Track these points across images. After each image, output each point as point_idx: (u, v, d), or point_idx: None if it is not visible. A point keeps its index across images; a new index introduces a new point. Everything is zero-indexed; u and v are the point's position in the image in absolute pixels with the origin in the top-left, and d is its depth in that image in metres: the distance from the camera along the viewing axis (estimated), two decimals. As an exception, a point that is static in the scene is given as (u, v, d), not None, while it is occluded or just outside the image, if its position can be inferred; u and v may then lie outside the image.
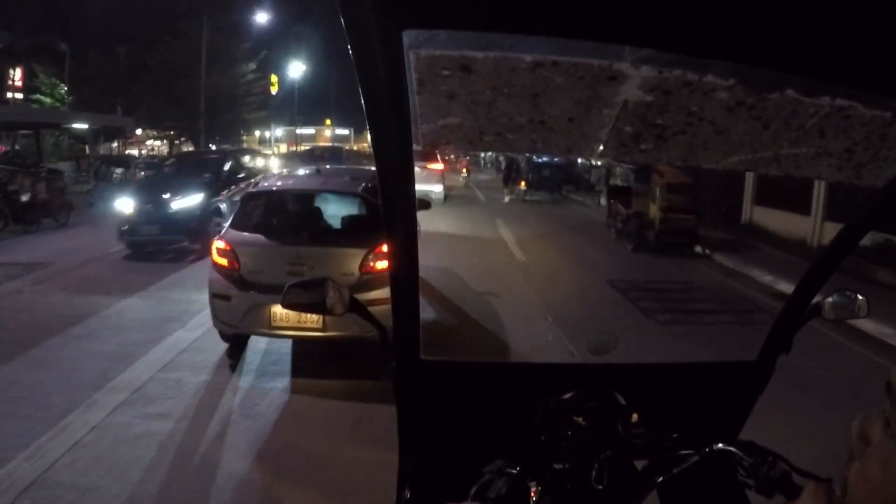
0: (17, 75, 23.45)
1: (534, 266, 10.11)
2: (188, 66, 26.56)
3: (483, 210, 17.95)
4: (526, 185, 20.51)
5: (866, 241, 8.62)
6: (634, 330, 6.50)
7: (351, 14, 0.80)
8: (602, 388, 1.40)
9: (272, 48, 40.21)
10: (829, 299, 1.61)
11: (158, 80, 26.54)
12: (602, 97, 0.93)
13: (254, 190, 6.01)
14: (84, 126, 19.67)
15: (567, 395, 1.38)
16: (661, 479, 1.33)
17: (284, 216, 5.63)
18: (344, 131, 67.06)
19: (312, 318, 4.72)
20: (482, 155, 43.35)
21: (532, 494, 1.27)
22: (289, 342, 5.68)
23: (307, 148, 24.00)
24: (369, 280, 4.92)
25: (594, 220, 16.26)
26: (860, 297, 1.61)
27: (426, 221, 8.59)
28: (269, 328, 4.92)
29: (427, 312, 6.15)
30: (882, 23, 0.73)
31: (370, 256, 4.99)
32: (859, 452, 0.71)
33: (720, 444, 1.27)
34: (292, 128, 53.03)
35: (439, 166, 19.04)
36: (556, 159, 21.09)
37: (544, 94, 0.94)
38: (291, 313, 4.61)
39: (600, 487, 1.31)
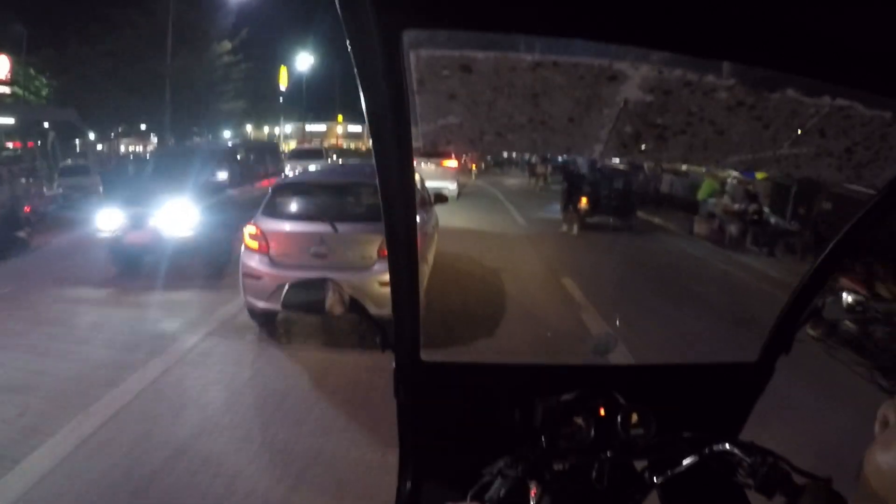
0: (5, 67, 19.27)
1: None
2: (154, 47, 22.12)
3: (532, 251, 10.80)
4: (587, 203, 13.25)
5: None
6: None
7: (351, 14, 0.80)
8: (602, 389, 1.40)
9: (281, 39, 37.44)
10: (830, 299, 1.61)
11: (117, 66, 22.05)
12: (602, 97, 0.94)
13: (283, 181, 6.61)
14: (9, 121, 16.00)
15: (567, 396, 1.38)
16: (660, 479, 1.32)
17: (310, 205, 6.10)
18: (356, 128, 64.94)
19: None
20: (506, 154, 35.68)
21: (532, 495, 1.27)
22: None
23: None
24: (385, 264, 5.28)
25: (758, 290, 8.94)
26: (862, 300, 1.60)
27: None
28: None
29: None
30: (882, 23, 0.73)
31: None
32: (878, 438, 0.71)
33: (720, 445, 1.26)
34: (303, 123, 51.31)
35: (453, 163, 18.30)
36: (619, 162, 15.27)
37: (544, 93, 0.94)
38: None
39: (600, 488, 1.31)
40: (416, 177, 7.25)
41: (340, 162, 15.01)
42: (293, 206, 6.14)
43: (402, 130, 1.00)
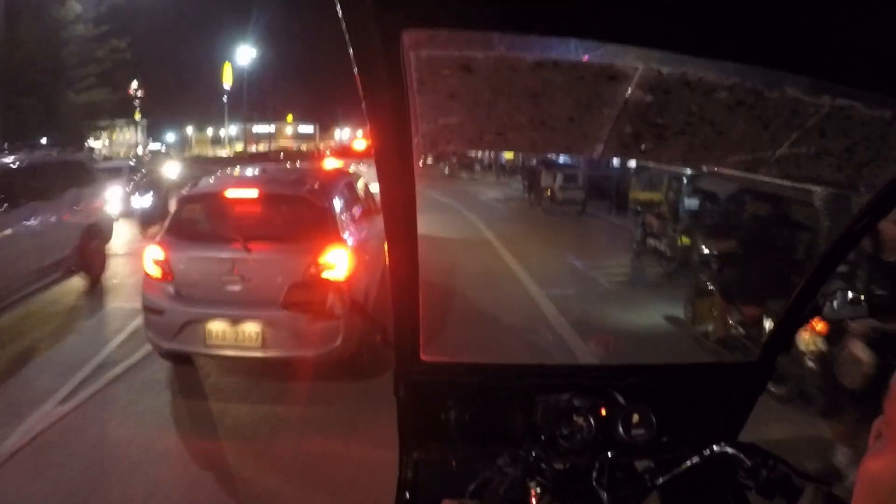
0: None
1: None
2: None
3: None
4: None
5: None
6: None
7: (351, 14, 0.80)
8: (602, 389, 1.40)
9: (226, 34, 32.49)
10: (829, 300, 1.61)
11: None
12: (602, 97, 0.94)
13: (190, 192, 5.34)
14: None
15: (567, 395, 1.38)
16: (661, 480, 1.32)
17: (221, 221, 4.98)
18: (308, 128, 61.60)
19: (251, 337, 4.44)
20: (476, 154, 29.47)
21: (533, 495, 1.27)
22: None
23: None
24: None
25: None
26: (862, 300, 1.61)
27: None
28: (205, 346, 4.53)
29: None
30: (882, 23, 0.73)
31: (312, 266, 4.50)
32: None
33: (721, 446, 1.27)
34: (246, 124, 46.04)
35: None
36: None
37: (545, 93, 0.94)
38: (228, 331, 4.45)
39: (601, 488, 1.31)
40: (362, 182, 6.20)
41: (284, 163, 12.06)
42: (201, 224, 5.03)
43: (402, 131, 1.00)
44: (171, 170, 18.25)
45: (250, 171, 6.57)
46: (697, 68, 0.88)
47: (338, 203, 5.03)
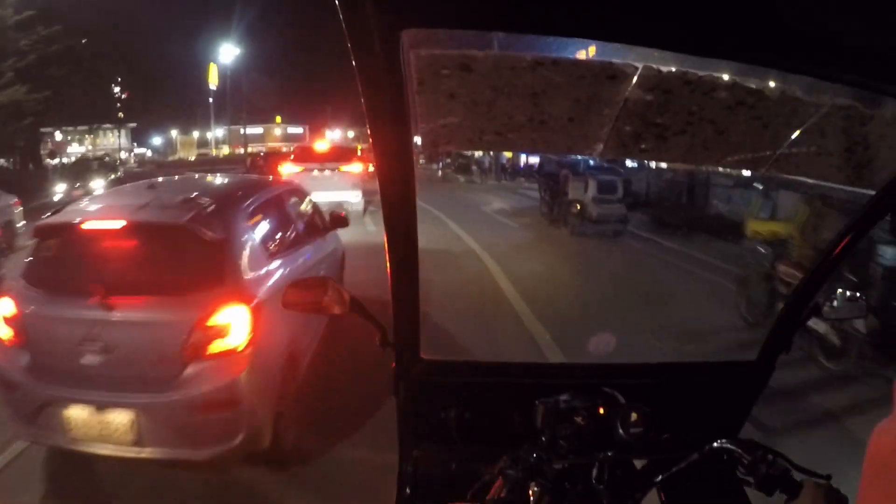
0: None
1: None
2: None
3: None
4: None
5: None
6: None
7: (351, 14, 0.80)
8: (602, 388, 1.40)
9: (212, 34, 30.74)
10: (829, 299, 1.61)
11: None
12: (602, 96, 0.94)
13: (48, 221, 3.65)
14: None
15: (567, 395, 1.38)
16: (661, 477, 1.33)
17: (79, 265, 3.46)
18: (297, 130, 60.98)
19: (121, 430, 3.10)
20: (474, 154, 25.14)
21: (531, 495, 1.27)
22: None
23: None
24: (198, 372, 3.07)
25: None
26: (859, 297, 1.61)
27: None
28: (67, 439, 3.20)
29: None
30: (882, 23, 0.74)
31: (198, 331, 3.07)
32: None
33: (720, 443, 1.27)
34: (238, 126, 43.66)
35: (356, 168, 13.26)
36: None
37: (544, 93, 0.94)
38: (93, 420, 3.10)
39: (601, 487, 1.31)
40: (307, 201, 5.22)
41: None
42: (57, 269, 3.47)
43: (402, 131, 1.00)
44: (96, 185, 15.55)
45: (132, 188, 4.51)
46: (698, 68, 0.88)
47: (244, 233, 3.60)
